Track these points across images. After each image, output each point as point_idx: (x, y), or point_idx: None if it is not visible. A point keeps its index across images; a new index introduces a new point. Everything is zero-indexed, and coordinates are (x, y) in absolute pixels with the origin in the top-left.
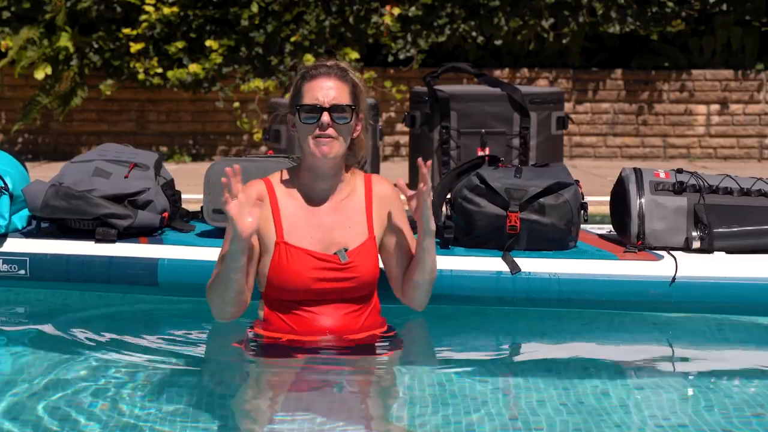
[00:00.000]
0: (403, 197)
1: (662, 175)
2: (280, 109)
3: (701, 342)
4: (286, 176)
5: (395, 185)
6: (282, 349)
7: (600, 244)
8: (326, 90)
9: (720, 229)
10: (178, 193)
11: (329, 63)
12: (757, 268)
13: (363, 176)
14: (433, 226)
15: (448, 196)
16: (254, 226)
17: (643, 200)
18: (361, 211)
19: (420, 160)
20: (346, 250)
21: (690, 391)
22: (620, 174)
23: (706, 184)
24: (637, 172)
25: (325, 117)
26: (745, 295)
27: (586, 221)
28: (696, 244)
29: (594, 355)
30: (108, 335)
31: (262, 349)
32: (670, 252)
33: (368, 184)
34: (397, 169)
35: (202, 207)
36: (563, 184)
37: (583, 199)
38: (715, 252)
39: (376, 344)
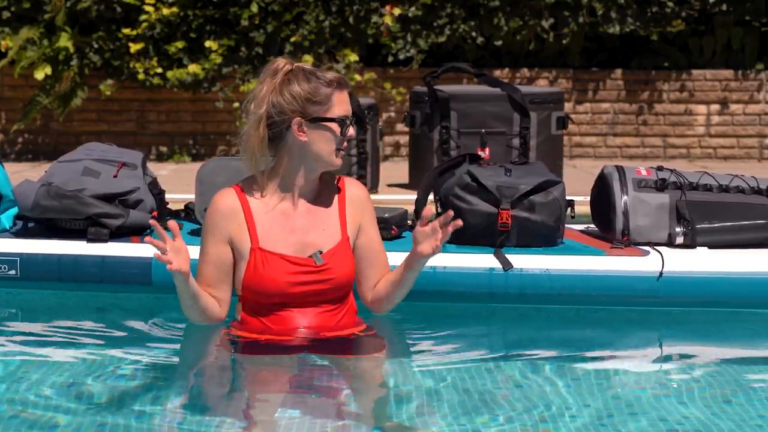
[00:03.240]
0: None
1: (644, 172)
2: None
3: (690, 336)
4: (258, 181)
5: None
6: (261, 348)
7: (585, 241)
8: (348, 103)
9: (702, 225)
10: (163, 191)
11: (341, 75)
12: (742, 262)
13: (336, 178)
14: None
15: (431, 196)
16: (185, 262)
17: (627, 197)
18: (334, 213)
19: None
20: (321, 252)
21: (681, 384)
22: (602, 171)
23: (686, 181)
24: (620, 169)
25: (352, 130)
26: (730, 290)
27: (573, 218)
28: (679, 240)
29: (594, 351)
30: (90, 335)
31: (241, 347)
32: (655, 247)
33: (342, 186)
34: (397, 169)
35: (186, 205)
36: (552, 182)
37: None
38: (697, 247)
39: (355, 342)
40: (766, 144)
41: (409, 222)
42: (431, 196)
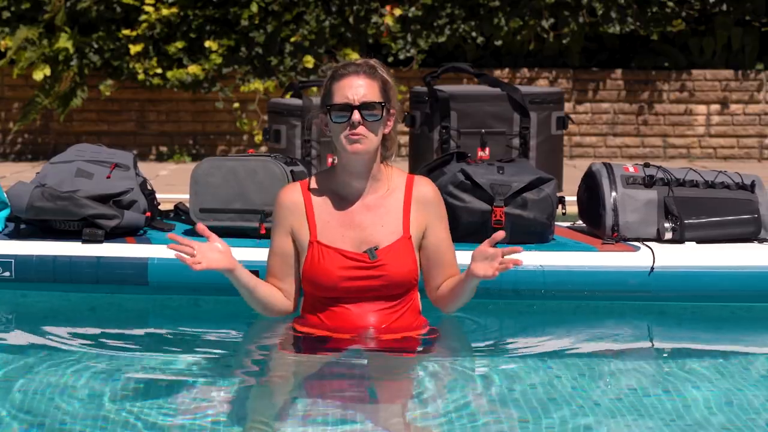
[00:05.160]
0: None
1: (631, 169)
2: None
3: (681, 329)
4: (323, 177)
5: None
6: (314, 344)
7: (576, 237)
8: (356, 88)
9: (690, 220)
10: (154, 192)
11: (358, 61)
12: (730, 257)
13: (405, 176)
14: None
15: None
16: (221, 258)
17: (616, 194)
18: (397, 210)
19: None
20: (376, 248)
21: (673, 377)
22: (590, 169)
23: (673, 177)
24: (608, 166)
25: (356, 115)
26: (720, 283)
27: (564, 215)
28: (668, 235)
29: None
30: (86, 335)
31: (297, 343)
32: (645, 243)
33: (410, 184)
34: None
35: (176, 206)
36: (544, 179)
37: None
38: (686, 242)
39: (409, 345)
40: (766, 144)
41: None
42: None
